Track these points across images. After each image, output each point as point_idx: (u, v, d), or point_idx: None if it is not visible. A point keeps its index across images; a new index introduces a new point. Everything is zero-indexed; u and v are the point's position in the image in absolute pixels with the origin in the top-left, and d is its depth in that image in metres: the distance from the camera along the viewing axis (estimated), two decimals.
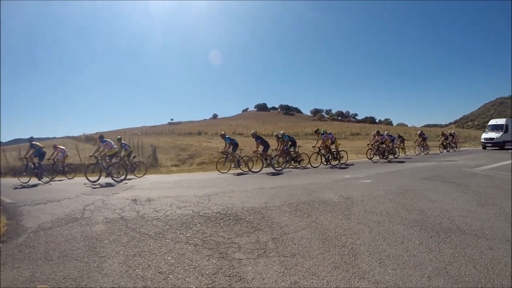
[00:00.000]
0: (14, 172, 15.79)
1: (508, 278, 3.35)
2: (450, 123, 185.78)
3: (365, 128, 65.53)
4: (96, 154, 13.56)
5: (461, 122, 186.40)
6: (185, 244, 4.59)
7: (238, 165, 14.95)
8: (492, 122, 32.00)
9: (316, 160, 16.64)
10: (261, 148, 15.08)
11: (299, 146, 17.02)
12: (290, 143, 16.31)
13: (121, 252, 4.38)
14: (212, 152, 23.05)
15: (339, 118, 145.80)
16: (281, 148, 16.08)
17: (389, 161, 17.91)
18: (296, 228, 5.18)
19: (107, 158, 13.47)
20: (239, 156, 15.33)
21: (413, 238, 4.60)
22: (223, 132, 17.30)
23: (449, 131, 31.46)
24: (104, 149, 13.51)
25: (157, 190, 9.34)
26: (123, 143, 15.57)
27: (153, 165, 19.26)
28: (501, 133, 28.93)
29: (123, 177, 13.40)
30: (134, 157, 16.43)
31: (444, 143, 27.39)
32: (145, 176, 15.02)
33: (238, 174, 13.74)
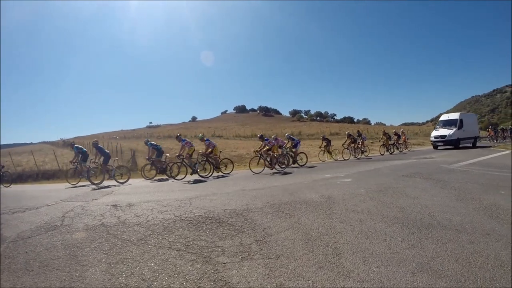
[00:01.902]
0: None
1: (490, 271, 3.41)
2: (427, 121, 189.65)
3: (344, 128, 66.07)
4: None
5: (438, 120, 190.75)
6: (168, 250, 4.53)
7: (87, 177, 13.95)
8: (444, 117, 28.56)
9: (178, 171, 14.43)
10: (101, 159, 14.22)
11: (166, 155, 15.72)
12: (155, 152, 15.05)
13: (103, 260, 4.29)
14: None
15: (318, 118, 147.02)
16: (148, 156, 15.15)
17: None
18: (279, 229, 5.17)
19: None
20: (88, 167, 14.39)
21: (395, 235, 4.64)
22: (72, 142, 16.18)
23: (394, 130, 27.86)
24: None
25: (137, 195, 9.20)
26: None
27: (132, 169, 18.98)
28: (454, 129, 25.44)
29: None
30: None
31: (386, 144, 23.60)
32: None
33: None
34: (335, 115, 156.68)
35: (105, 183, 13.44)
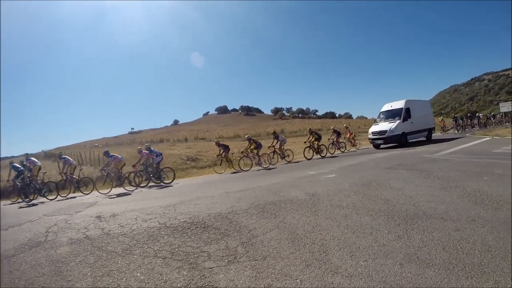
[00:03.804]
0: None
1: (477, 256, 3.43)
2: None
3: (326, 124, 66.40)
4: None
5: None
6: (154, 258, 4.45)
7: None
8: (386, 107, 22.65)
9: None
10: None
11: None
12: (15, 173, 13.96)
13: (88, 274, 4.21)
14: (175, 159, 22.58)
15: (300, 115, 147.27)
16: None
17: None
18: (265, 230, 5.13)
19: None
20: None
21: (381, 227, 4.64)
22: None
23: (332, 127, 23.77)
24: None
25: (121, 204, 9.12)
26: None
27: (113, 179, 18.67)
28: (398, 121, 20.11)
29: None
30: None
31: (315, 146, 18.72)
32: None
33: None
34: (316, 111, 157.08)
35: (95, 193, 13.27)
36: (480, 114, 44.93)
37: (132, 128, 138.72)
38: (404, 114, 20.50)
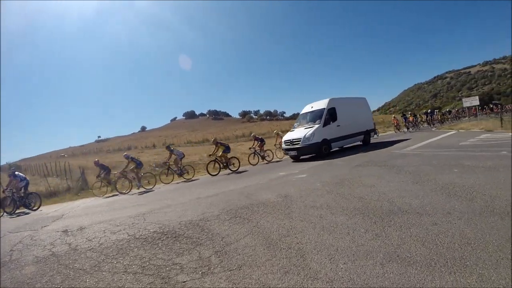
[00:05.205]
0: None
1: (458, 250, 3.40)
2: (374, 111, 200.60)
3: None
4: None
5: (384, 109, 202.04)
6: (124, 274, 4.21)
7: None
8: (307, 108, 18.32)
9: None
10: None
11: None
12: None
13: None
14: (144, 166, 22.10)
15: (268, 117, 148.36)
16: None
17: None
18: (238, 237, 4.96)
19: None
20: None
21: (358, 227, 4.55)
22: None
23: (252, 134, 21.27)
24: None
25: (89, 216, 8.74)
26: None
27: (83, 188, 18.11)
28: (317, 126, 15.74)
29: None
30: None
31: (224, 159, 15.60)
32: None
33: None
34: (284, 112, 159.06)
35: (56, 207, 12.74)
36: (436, 111, 46.09)
37: (99, 136, 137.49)
38: (326, 116, 16.18)
